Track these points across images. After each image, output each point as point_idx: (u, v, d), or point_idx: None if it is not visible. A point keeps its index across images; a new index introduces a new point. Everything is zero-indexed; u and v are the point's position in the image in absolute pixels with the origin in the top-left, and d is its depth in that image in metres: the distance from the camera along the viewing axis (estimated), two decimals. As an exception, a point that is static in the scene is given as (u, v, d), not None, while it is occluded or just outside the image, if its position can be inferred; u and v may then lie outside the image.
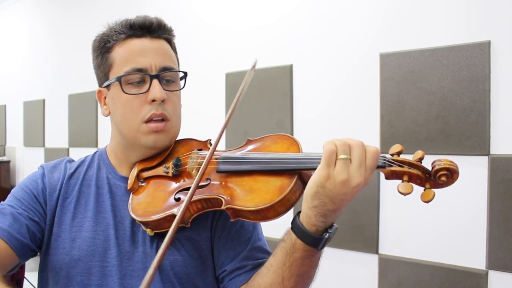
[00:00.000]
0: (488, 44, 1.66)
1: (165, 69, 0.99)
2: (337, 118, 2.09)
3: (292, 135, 2.21)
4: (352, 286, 2.05)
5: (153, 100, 0.97)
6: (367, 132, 1.95)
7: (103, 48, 1.01)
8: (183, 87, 1.05)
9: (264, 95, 2.33)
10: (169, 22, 1.08)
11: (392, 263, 1.91)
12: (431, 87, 1.79)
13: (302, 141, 0.93)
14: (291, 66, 2.26)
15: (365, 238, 1.98)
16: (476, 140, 1.69)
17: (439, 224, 1.79)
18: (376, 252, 1.95)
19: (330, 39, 2.13)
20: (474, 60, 1.69)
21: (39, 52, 4.23)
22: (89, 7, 3.57)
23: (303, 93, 2.23)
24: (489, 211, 1.67)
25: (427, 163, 0.80)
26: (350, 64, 2.05)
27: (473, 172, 1.70)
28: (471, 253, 1.70)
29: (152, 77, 0.97)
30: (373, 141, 1.91)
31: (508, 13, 1.64)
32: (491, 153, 1.67)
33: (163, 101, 0.97)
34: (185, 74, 1.05)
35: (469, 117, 1.70)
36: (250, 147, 0.98)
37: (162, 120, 0.99)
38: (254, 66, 0.94)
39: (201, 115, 2.52)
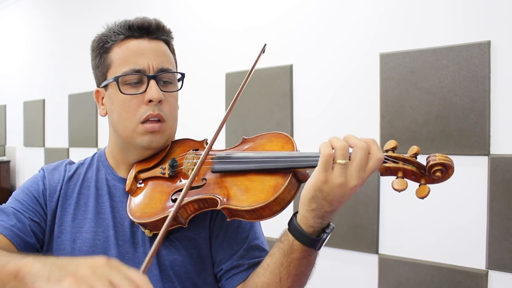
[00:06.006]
0: (488, 44, 1.66)
1: (163, 70, 0.99)
2: (337, 117, 2.09)
3: (292, 135, 2.24)
4: (352, 286, 2.05)
5: (150, 101, 0.97)
6: (367, 132, 1.95)
7: (102, 48, 1.02)
8: (180, 88, 1.06)
9: (264, 95, 2.33)
10: (169, 22, 1.08)
11: (392, 263, 1.91)
12: (431, 87, 1.79)
13: (302, 141, 0.93)
14: (291, 66, 2.26)
15: (365, 238, 1.98)
16: (476, 140, 1.69)
17: (439, 224, 1.79)
18: (376, 252, 1.95)
19: (330, 39, 2.13)
20: (474, 60, 1.69)
21: (39, 52, 4.23)
22: (89, 7, 3.57)
23: (303, 93, 2.23)
24: (489, 211, 1.67)
25: (422, 159, 0.79)
26: (350, 64, 2.05)
27: (473, 172, 1.70)
28: (471, 253, 1.70)
29: (150, 78, 0.97)
30: (373, 141, 1.90)
31: (508, 13, 1.64)
32: (491, 153, 1.67)
33: (160, 102, 0.98)
34: (183, 75, 1.05)
35: (469, 117, 1.70)
36: (245, 146, 0.98)
37: (158, 121, 0.99)
38: (263, 50, 0.96)
39: (201, 116, 2.52)
